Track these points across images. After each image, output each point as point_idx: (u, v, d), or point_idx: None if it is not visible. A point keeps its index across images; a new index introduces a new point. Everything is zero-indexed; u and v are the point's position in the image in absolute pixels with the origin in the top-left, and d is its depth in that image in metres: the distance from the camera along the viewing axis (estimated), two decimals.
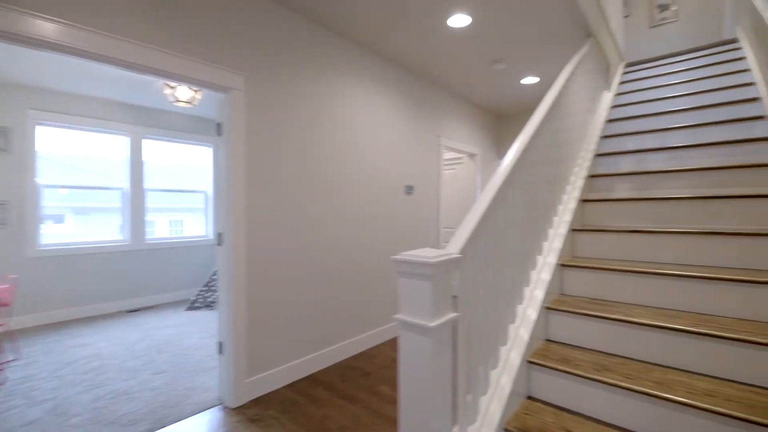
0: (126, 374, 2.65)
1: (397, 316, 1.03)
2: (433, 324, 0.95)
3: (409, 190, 3.60)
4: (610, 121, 3.17)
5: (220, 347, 2.22)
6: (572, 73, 2.38)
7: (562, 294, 1.96)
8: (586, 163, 2.58)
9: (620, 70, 4.13)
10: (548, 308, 1.75)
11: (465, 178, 5.05)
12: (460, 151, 4.54)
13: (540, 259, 1.89)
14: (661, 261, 1.90)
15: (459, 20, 2.58)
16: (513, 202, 1.61)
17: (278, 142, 2.41)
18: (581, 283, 1.90)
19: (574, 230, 2.16)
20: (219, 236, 2.20)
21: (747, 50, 3.14)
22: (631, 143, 2.85)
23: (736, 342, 1.33)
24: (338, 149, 2.84)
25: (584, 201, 2.35)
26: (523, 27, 2.71)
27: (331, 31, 2.76)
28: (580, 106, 2.68)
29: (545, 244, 1.96)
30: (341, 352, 2.84)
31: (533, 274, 1.81)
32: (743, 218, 1.88)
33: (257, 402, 2.21)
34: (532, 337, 1.61)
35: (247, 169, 2.24)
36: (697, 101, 2.96)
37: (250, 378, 2.25)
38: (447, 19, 2.57)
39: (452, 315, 1.05)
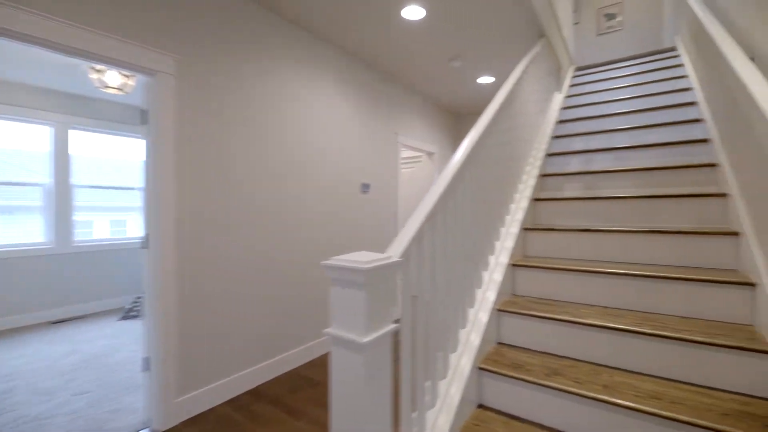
0: (41, 396, 2.32)
1: (328, 330, 0.90)
2: (366, 339, 0.83)
3: (366, 188, 3.48)
4: (561, 121, 3.23)
5: (146, 363, 1.97)
6: (525, 71, 2.37)
7: (513, 294, 1.92)
8: (538, 162, 2.59)
9: (570, 73, 4.25)
10: (500, 310, 1.69)
11: (424, 177, 5.01)
12: (418, 150, 4.48)
13: (492, 260, 1.83)
14: (609, 259, 1.91)
15: (413, 12, 2.49)
16: (463, 201, 1.53)
17: (218, 133, 2.20)
18: (532, 283, 1.87)
19: (525, 229, 2.14)
20: (145, 238, 1.95)
21: (684, 58, 3.31)
22: (579, 143, 2.91)
23: (678, 341, 1.32)
24: (289, 143, 2.65)
25: (536, 200, 2.34)
26: (478, 23, 2.68)
27: (281, 17, 2.58)
28: (533, 106, 2.69)
29: (497, 244, 1.91)
30: (290, 360, 2.66)
31: (485, 275, 1.75)
32: (684, 217, 1.93)
33: (191, 422, 1.99)
34: (484, 341, 1.55)
35: (178, 162, 2.01)
36: (640, 104, 3.07)
37: (183, 396, 2.02)
38: (401, 9, 2.47)
39: (392, 326, 0.93)
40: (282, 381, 2.46)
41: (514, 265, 1.91)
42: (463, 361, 1.41)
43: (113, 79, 2.96)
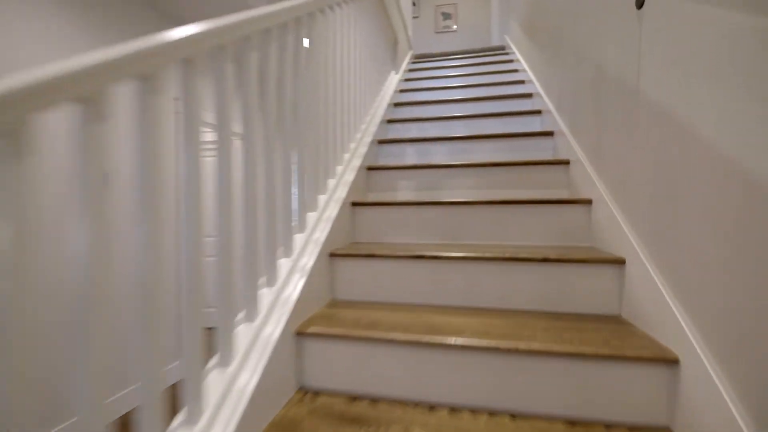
0: None
1: None
2: None
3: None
4: (397, 104, 2.58)
5: None
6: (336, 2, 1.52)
7: (302, 389, 1.00)
8: (363, 150, 1.79)
9: (408, 59, 3.76)
10: None
11: (240, 166, 3.79)
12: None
13: (248, 334, 0.87)
14: (457, 303, 1.20)
15: None
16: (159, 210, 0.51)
17: None
18: (338, 366, 0.99)
19: (333, 255, 1.27)
20: None
21: (517, 54, 3.11)
22: (415, 130, 2.29)
23: None
24: None
25: (355, 205, 1.51)
26: None
27: None
28: (358, 74, 1.87)
29: (265, 294, 0.96)
30: None
31: (220, 382, 0.77)
32: (544, 229, 1.39)
33: None
34: None
35: None
36: (478, 93, 2.69)
37: None
38: None
39: None
40: None
41: (300, 333, 0.99)
42: None
43: None
